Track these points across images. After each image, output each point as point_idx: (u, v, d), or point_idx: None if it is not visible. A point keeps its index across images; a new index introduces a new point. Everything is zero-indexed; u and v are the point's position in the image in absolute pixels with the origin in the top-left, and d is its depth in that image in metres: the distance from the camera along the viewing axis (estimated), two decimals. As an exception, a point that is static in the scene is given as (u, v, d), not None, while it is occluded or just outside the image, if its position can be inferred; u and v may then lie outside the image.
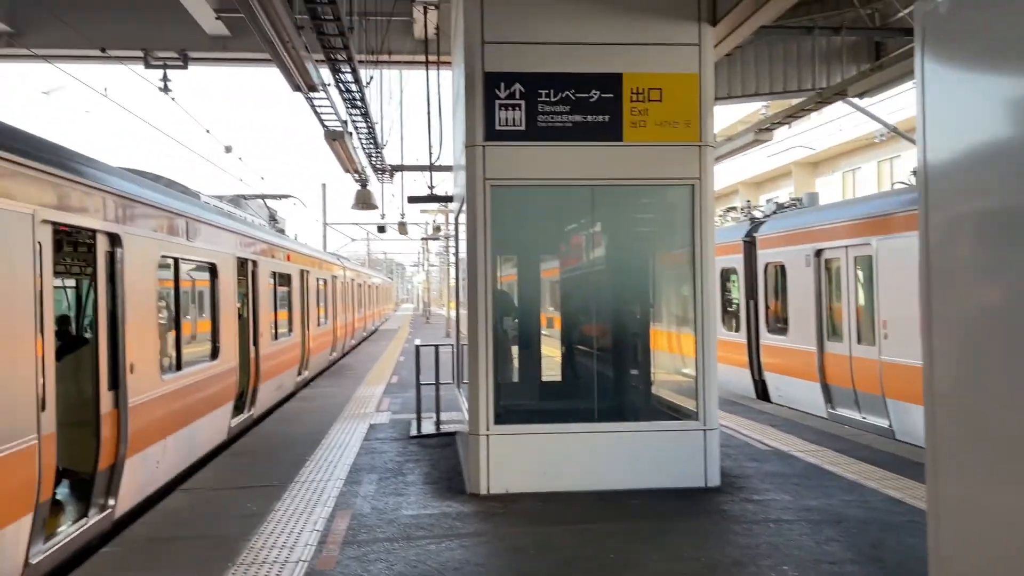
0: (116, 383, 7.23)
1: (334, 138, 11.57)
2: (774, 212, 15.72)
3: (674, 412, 8.23)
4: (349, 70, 9.06)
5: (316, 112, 10.97)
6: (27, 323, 5.57)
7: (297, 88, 8.50)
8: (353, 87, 9.91)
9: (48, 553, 5.95)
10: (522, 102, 7.71)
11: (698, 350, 7.78)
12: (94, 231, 6.81)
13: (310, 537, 6.51)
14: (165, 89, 14.94)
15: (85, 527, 6.63)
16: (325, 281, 21.81)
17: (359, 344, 30.98)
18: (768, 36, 13.98)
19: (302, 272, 17.65)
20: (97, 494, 6.98)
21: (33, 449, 5.59)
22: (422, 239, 43.95)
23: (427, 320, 55.46)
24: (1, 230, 5.32)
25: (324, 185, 49.48)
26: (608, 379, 8.22)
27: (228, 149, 19.45)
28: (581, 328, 8.40)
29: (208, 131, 17.68)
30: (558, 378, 9.02)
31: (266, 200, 25.15)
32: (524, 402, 8.29)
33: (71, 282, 8.90)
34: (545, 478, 7.65)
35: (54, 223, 6.01)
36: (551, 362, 8.76)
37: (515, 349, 8.65)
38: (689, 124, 7.79)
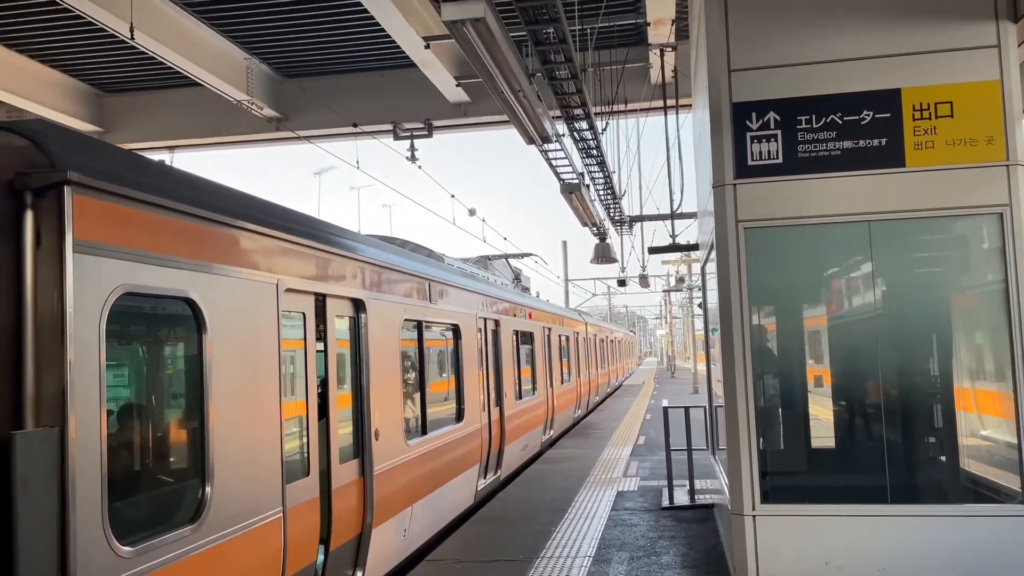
0: (361, 450, 7.11)
1: (571, 191, 11.21)
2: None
3: (988, 491, 6.69)
4: (583, 115, 8.63)
5: (552, 165, 10.68)
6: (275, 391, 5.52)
7: (531, 141, 8.20)
8: (588, 134, 9.47)
9: None
10: (778, 132, 6.80)
11: (1018, 411, 6.28)
12: (324, 296, 6.59)
13: (557, 628, 5.86)
14: (412, 158, 15.57)
15: None
16: (567, 337, 21.58)
17: (603, 401, 30.42)
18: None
19: (544, 329, 17.51)
20: (344, 565, 6.82)
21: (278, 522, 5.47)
22: (663, 291, 42.89)
23: (672, 375, 53.86)
24: (255, 299, 5.33)
25: (565, 243, 50.21)
26: (899, 448, 6.86)
27: (472, 212, 19.96)
28: (860, 386, 7.14)
29: (453, 195, 18.22)
30: (830, 444, 7.75)
31: (509, 260, 25.72)
32: (795, 476, 7.14)
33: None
34: (827, 569, 6.45)
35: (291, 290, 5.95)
36: (820, 426, 7.51)
37: (778, 411, 7.54)
38: (992, 141, 6.44)
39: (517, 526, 9.14)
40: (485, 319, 12.21)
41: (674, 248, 12.30)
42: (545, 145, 9.09)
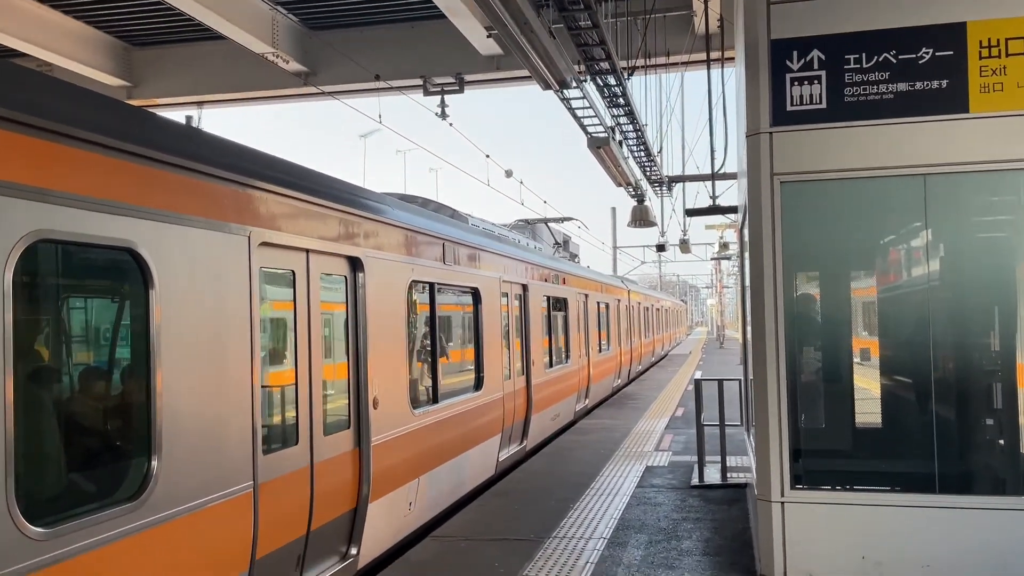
0: (357, 420, 6.61)
1: (598, 145, 10.45)
2: None
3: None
4: (604, 56, 7.88)
5: (576, 117, 9.95)
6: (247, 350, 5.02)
7: (547, 86, 7.50)
8: (611, 79, 8.71)
9: None
10: (822, 73, 6.01)
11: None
12: (308, 252, 5.96)
13: (556, 620, 5.32)
14: (443, 115, 14.94)
15: None
16: (607, 305, 20.90)
17: (646, 370, 29.69)
18: None
19: (580, 296, 16.86)
20: (336, 541, 6.36)
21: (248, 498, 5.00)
22: (712, 259, 41.71)
23: (721, 345, 52.73)
24: (219, 255, 4.81)
25: (614, 209, 49.18)
26: (951, 431, 6.09)
27: (508, 173, 19.28)
28: (909, 361, 6.37)
29: (488, 156, 17.57)
30: (876, 423, 6.98)
31: (550, 224, 24.94)
32: (830, 459, 6.43)
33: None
34: (864, 564, 5.78)
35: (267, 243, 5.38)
36: (860, 405, 6.73)
37: (818, 387, 6.79)
38: (1071, 81, 5.57)
39: (533, 502, 8.61)
40: (511, 283, 11.60)
41: (714, 210, 11.48)
42: (566, 93, 8.38)
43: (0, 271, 3.36)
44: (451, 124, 14.96)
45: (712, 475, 9.57)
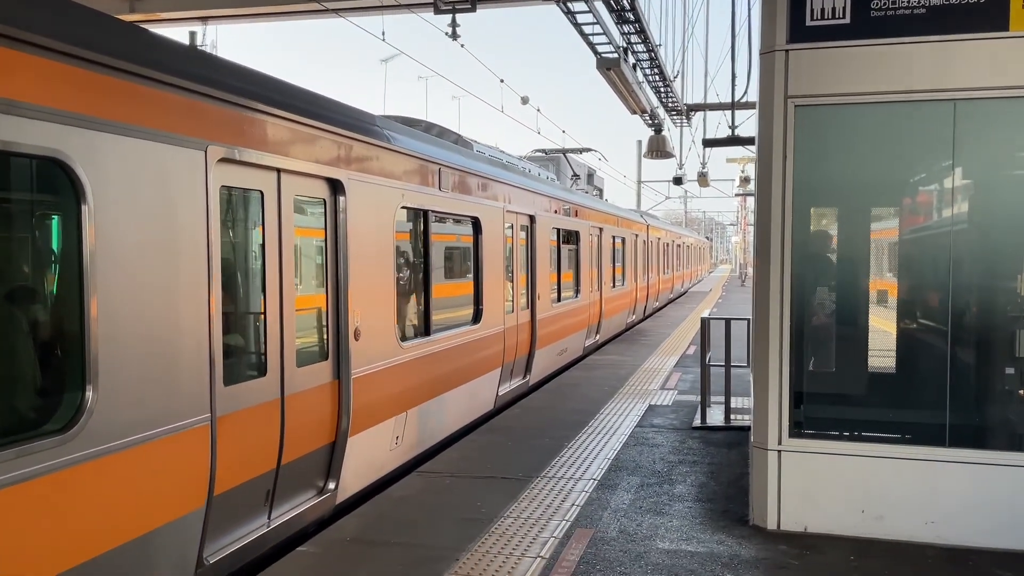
0: (336, 351, 6.29)
1: (608, 67, 9.83)
2: None
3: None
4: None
5: (583, 34, 9.31)
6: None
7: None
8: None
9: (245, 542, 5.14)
10: (847, -17, 5.41)
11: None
12: (279, 171, 5.52)
13: (532, 566, 5.05)
14: (454, 35, 14.25)
15: (294, 514, 5.77)
16: (623, 239, 20.40)
17: (664, 307, 29.27)
18: None
19: (593, 230, 16.37)
20: (311, 476, 6.11)
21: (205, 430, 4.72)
22: (736, 195, 40.80)
23: (743, 283, 52.03)
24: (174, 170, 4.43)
25: (640, 142, 48.02)
26: (966, 380, 5.65)
27: (525, 100, 18.58)
28: (923, 301, 5.90)
29: (502, 81, 16.89)
30: (889, 369, 6.54)
31: (568, 156, 24.22)
32: (836, 405, 6.03)
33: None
34: (863, 519, 5.44)
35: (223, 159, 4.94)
36: (865, 348, 6.25)
37: (825, 329, 6.32)
38: None
39: (527, 439, 8.34)
40: (517, 214, 11.14)
41: (733, 141, 10.89)
42: (570, 6, 7.77)
43: None
44: (462, 45, 14.29)
45: (716, 417, 9.25)
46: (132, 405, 4.14)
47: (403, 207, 7.42)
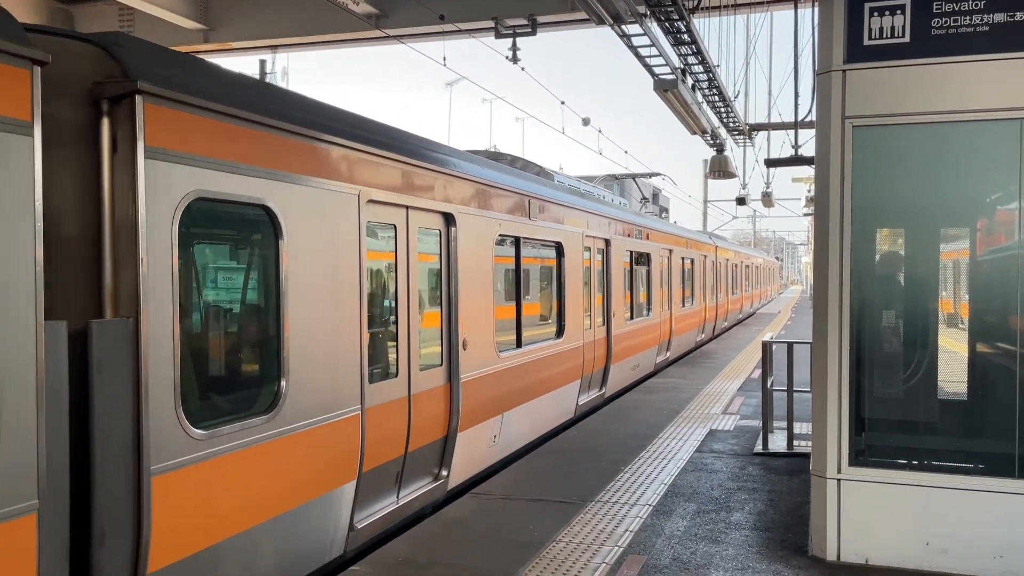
0: (448, 358, 7.28)
1: (665, 88, 9.79)
2: None
3: None
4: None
5: (640, 57, 9.29)
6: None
7: (600, 20, 6.94)
8: (672, 13, 8.02)
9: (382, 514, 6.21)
10: (906, 2, 5.30)
11: None
12: (408, 208, 6.60)
13: (580, 592, 5.01)
14: (514, 59, 14.44)
15: (416, 495, 6.74)
16: (691, 260, 20.47)
17: (732, 327, 28.83)
18: None
19: (663, 251, 16.76)
20: (429, 464, 7.01)
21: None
22: (804, 214, 39.92)
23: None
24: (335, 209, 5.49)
25: (705, 161, 47.54)
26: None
27: (586, 121, 18.63)
28: (995, 326, 5.68)
29: (563, 103, 16.98)
30: (952, 396, 6.28)
31: (637, 180, 24.32)
32: (898, 433, 5.83)
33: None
34: (928, 551, 5.25)
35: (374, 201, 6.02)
36: (933, 376, 6.00)
37: (880, 353, 6.10)
38: None
39: (583, 462, 8.30)
40: (594, 238, 11.88)
41: (796, 161, 10.69)
42: (626, 30, 7.78)
43: (169, 221, 4.10)
44: (523, 68, 14.47)
45: (778, 443, 9.04)
46: (311, 395, 5.18)
47: (500, 235, 8.37)
